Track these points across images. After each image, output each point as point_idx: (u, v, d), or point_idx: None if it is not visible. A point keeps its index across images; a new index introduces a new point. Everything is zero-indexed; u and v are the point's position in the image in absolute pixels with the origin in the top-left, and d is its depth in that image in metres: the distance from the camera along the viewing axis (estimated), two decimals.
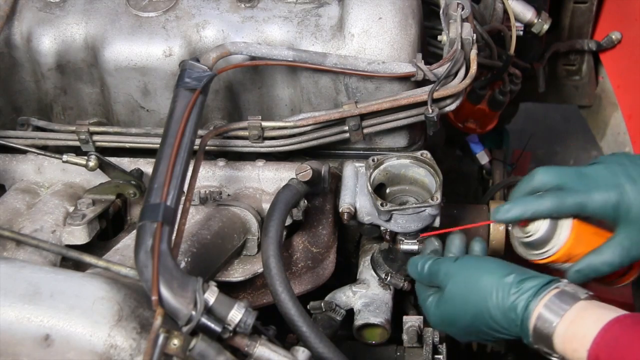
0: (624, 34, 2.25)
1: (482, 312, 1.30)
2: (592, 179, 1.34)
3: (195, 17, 1.61)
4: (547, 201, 1.35)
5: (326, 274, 1.58)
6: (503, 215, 1.38)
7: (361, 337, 1.56)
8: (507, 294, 1.26)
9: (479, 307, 1.30)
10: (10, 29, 1.63)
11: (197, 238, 1.44)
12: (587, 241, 1.37)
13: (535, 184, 1.39)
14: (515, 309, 1.25)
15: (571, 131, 3.64)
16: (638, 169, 1.33)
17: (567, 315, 1.21)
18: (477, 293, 1.30)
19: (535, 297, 1.24)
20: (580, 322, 1.20)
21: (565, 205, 1.34)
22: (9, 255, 1.40)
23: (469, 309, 1.32)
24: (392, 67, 1.54)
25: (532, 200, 1.37)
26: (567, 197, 1.34)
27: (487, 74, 1.97)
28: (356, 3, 1.57)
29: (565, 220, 1.36)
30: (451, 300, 1.35)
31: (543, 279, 1.27)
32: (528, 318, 1.24)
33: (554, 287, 1.25)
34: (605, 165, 1.35)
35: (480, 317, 1.31)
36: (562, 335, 1.21)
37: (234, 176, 1.59)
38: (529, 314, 1.24)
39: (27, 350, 1.13)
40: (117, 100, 1.65)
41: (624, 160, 1.35)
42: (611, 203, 1.32)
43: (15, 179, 1.60)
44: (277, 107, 1.66)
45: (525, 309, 1.24)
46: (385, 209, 1.49)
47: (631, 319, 1.17)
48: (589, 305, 1.22)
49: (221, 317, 1.16)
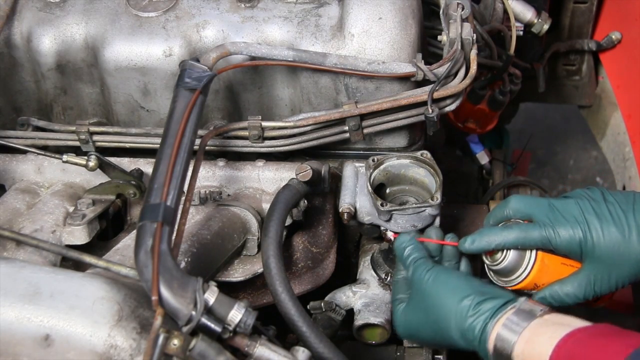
0: (624, 34, 2.25)
1: (442, 330, 1.33)
2: (561, 213, 1.36)
3: (195, 17, 1.61)
4: (513, 233, 1.38)
5: (326, 274, 1.58)
6: (469, 245, 1.41)
7: (361, 337, 1.56)
8: (464, 317, 1.29)
9: (439, 326, 1.33)
10: (10, 29, 1.63)
11: (197, 238, 1.44)
12: (554, 271, 1.40)
13: (508, 212, 1.43)
14: (473, 330, 1.28)
15: (571, 131, 3.64)
16: (609, 206, 1.35)
17: (523, 333, 1.23)
18: (438, 312, 1.33)
19: (493, 318, 1.27)
20: (535, 340, 1.22)
21: (530, 238, 1.37)
22: (9, 255, 1.40)
23: (430, 324, 1.35)
24: (392, 67, 1.54)
25: (498, 231, 1.40)
26: (533, 231, 1.37)
27: (487, 74, 1.97)
28: (356, 3, 1.57)
29: (531, 251, 1.39)
30: (416, 312, 1.38)
31: (501, 299, 1.29)
32: (486, 340, 1.27)
33: (510, 307, 1.28)
34: (576, 200, 1.37)
35: (440, 334, 1.34)
36: (521, 355, 1.23)
37: (234, 176, 1.59)
38: (486, 335, 1.27)
39: (27, 350, 1.13)
40: (117, 100, 1.65)
41: (597, 196, 1.37)
42: (576, 240, 1.35)
43: (15, 179, 1.60)
44: (277, 107, 1.66)
45: (483, 330, 1.27)
46: (385, 209, 1.49)
47: (583, 332, 1.19)
48: (544, 322, 1.24)
49: (221, 317, 1.16)
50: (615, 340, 1.16)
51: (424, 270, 1.38)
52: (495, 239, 1.39)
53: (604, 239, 1.33)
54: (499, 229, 1.41)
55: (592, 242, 1.34)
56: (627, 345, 1.13)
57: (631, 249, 1.33)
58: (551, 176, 3.57)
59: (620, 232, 1.33)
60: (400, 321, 1.42)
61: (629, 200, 1.35)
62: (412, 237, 1.45)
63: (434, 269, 1.38)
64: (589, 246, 1.34)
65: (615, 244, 1.33)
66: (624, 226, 1.33)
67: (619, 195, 1.37)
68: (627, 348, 1.12)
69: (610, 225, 1.33)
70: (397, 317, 1.43)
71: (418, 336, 1.41)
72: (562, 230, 1.35)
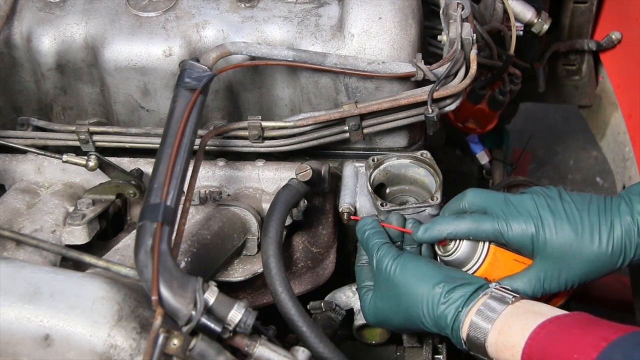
0: (624, 34, 2.25)
1: (413, 317, 1.34)
2: (515, 207, 1.36)
3: (195, 17, 1.61)
4: (465, 223, 1.38)
5: (326, 274, 1.58)
6: (421, 234, 1.42)
7: (361, 337, 1.56)
8: (436, 304, 1.30)
9: (411, 313, 1.34)
10: (10, 29, 1.63)
11: (197, 238, 1.44)
12: (506, 266, 1.39)
13: (464, 204, 1.43)
14: (445, 318, 1.29)
15: (571, 131, 3.64)
16: (564, 204, 1.35)
17: (496, 323, 1.24)
18: (409, 300, 1.34)
19: (465, 306, 1.28)
20: (508, 330, 1.23)
21: (482, 229, 1.37)
22: (9, 255, 1.40)
23: (401, 312, 1.36)
24: (392, 67, 1.54)
25: (451, 220, 1.40)
26: (485, 222, 1.37)
27: (487, 74, 1.97)
28: (356, 3, 1.57)
29: (483, 243, 1.39)
30: (385, 300, 1.39)
31: (472, 286, 1.30)
32: (459, 327, 1.28)
33: (482, 294, 1.29)
34: (531, 196, 1.37)
35: (412, 321, 1.35)
36: (494, 345, 1.24)
37: (234, 176, 1.59)
38: (459, 323, 1.28)
39: (27, 350, 1.13)
40: (117, 100, 1.65)
41: (553, 194, 1.37)
42: (528, 234, 1.34)
43: (15, 179, 1.61)
44: (277, 107, 1.66)
45: (455, 318, 1.28)
46: (385, 209, 1.49)
47: (555, 323, 1.19)
48: (516, 311, 1.25)
49: (221, 317, 1.16)
50: (588, 332, 1.15)
51: (390, 259, 1.39)
52: (447, 228, 1.39)
53: (556, 235, 1.33)
54: (451, 219, 1.40)
55: (545, 237, 1.33)
56: (601, 337, 1.12)
57: (583, 248, 1.32)
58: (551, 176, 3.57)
59: (574, 230, 1.32)
60: (370, 309, 1.43)
61: (585, 201, 1.35)
62: (373, 220, 1.45)
63: (400, 257, 1.39)
64: (540, 242, 1.33)
65: (568, 241, 1.32)
66: (577, 225, 1.33)
67: (575, 195, 1.37)
68: (601, 341, 1.11)
69: (563, 223, 1.33)
70: (365, 305, 1.44)
71: (389, 324, 1.43)
72: (514, 224, 1.34)
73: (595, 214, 1.33)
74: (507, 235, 1.35)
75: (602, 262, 1.33)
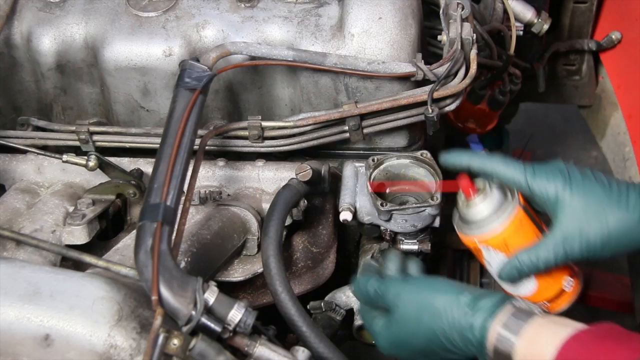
0: (624, 34, 2.25)
1: (436, 333, 1.27)
2: (543, 164, 1.34)
3: (195, 17, 1.61)
4: (497, 159, 1.35)
5: (326, 274, 1.58)
6: (452, 158, 1.38)
7: (361, 337, 1.56)
8: (462, 314, 1.24)
9: (433, 328, 1.27)
10: (10, 29, 1.63)
11: (197, 238, 1.44)
12: (525, 234, 1.36)
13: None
14: (472, 328, 1.23)
15: (571, 131, 3.64)
16: (593, 172, 1.33)
17: (524, 333, 1.19)
18: (431, 314, 1.27)
19: (492, 315, 1.22)
20: (537, 340, 1.18)
21: (511, 169, 1.33)
22: (9, 255, 1.40)
23: (423, 330, 1.28)
24: (392, 67, 1.54)
25: (482, 154, 1.37)
26: (514, 164, 1.34)
27: (487, 74, 1.97)
28: (356, 3, 1.57)
29: (511, 204, 1.35)
30: (403, 322, 1.31)
31: (497, 296, 1.25)
32: (485, 337, 1.22)
33: (508, 304, 1.23)
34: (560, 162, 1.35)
35: (434, 338, 1.27)
36: (523, 356, 1.19)
37: (234, 176, 1.59)
38: (486, 333, 1.22)
39: (27, 350, 1.13)
40: (117, 100, 1.65)
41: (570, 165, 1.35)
42: (553, 186, 1.31)
43: (15, 179, 1.61)
44: (277, 107, 1.66)
45: (482, 329, 1.22)
46: (385, 209, 1.49)
47: (588, 334, 1.16)
48: (544, 322, 1.20)
49: (221, 317, 1.16)
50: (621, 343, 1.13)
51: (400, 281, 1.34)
52: (476, 160, 1.35)
53: (583, 189, 1.29)
54: (483, 154, 1.37)
55: (571, 188, 1.30)
56: (635, 349, 1.10)
57: (609, 207, 1.28)
58: None
59: (602, 188, 1.29)
60: (384, 337, 1.35)
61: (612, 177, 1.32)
62: (368, 278, 1.38)
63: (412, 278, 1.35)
64: (567, 193, 1.29)
65: (594, 198, 1.28)
66: (605, 185, 1.30)
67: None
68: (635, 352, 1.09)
69: (592, 181, 1.30)
70: (378, 334, 1.36)
71: (407, 348, 1.33)
72: (541, 172, 1.31)
73: (624, 184, 1.30)
74: (532, 182, 1.31)
75: (626, 229, 1.28)
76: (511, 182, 1.35)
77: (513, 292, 1.40)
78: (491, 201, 1.36)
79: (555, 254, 1.31)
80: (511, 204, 1.36)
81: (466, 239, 1.40)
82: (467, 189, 1.37)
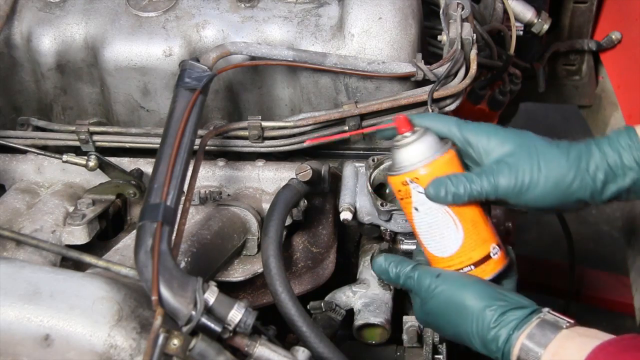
0: (624, 34, 2.25)
1: (462, 335, 1.30)
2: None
3: (195, 17, 1.61)
4: (432, 114, 1.38)
5: (326, 274, 1.58)
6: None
7: (361, 337, 1.56)
8: (487, 327, 1.25)
9: (460, 330, 1.29)
10: (10, 29, 1.63)
11: (197, 238, 1.44)
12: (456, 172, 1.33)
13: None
14: (496, 341, 1.24)
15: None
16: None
17: (550, 346, 1.20)
18: (458, 317, 1.29)
19: (517, 329, 1.23)
20: (563, 352, 1.18)
21: (445, 120, 1.34)
22: (9, 255, 1.40)
23: (451, 327, 1.31)
24: (392, 67, 1.54)
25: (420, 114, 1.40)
26: (449, 117, 1.36)
27: (487, 74, 1.97)
28: (356, 3, 1.57)
29: (445, 145, 1.33)
30: (434, 315, 1.34)
31: (525, 310, 1.25)
32: (510, 351, 1.23)
33: (535, 318, 1.24)
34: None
35: (461, 337, 1.30)
36: None
37: (234, 176, 1.59)
38: (510, 346, 1.23)
39: (27, 350, 1.13)
40: (117, 100, 1.65)
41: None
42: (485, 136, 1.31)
43: (15, 179, 1.61)
44: (277, 107, 1.66)
45: (507, 341, 1.23)
46: (385, 209, 1.49)
47: (614, 345, 1.16)
48: (570, 334, 1.20)
49: (221, 317, 1.16)
50: None
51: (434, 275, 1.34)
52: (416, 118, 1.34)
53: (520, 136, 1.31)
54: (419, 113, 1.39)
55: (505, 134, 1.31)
56: None
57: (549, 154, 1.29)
58: None
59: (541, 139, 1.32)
60: (418, 314, 1.39)
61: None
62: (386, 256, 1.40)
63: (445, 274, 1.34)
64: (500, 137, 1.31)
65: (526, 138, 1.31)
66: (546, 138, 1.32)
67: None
68: None
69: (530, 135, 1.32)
70: (414, 308, 1.39)
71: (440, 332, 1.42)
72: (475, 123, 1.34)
73: (566, 141, 1.33)
74: (466, 130, 1.32)
75: (560, 177, 1.28)
76: (446, 132, 1.34)
77: (439, 244, 1.35)
78: (425, 140, 1.32)
79: (487, 183, 1.30)
80: (445, 145, 1.34)
81: (396, 180, 1.35)
82: (404, 122, 1.33)
